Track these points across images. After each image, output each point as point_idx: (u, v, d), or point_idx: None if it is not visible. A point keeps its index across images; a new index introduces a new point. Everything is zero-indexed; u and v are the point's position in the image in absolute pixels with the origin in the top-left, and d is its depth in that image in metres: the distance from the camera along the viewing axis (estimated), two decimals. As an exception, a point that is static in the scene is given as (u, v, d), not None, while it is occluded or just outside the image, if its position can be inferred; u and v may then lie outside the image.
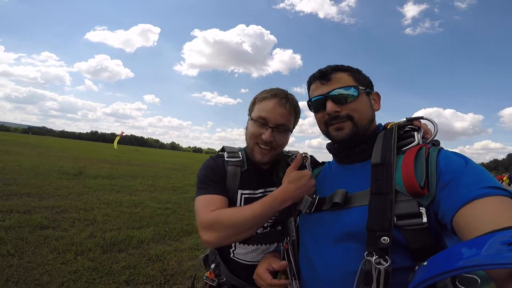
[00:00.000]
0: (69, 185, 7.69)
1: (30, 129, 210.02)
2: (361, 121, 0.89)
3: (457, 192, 0.63)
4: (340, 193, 0.83)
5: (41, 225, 4.28)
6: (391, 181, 0.73)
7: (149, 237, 4.33)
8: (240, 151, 1.25)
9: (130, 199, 6.87)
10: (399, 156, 0.78)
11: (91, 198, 6.52)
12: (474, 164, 0.69)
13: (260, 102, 1.15)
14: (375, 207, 0.73)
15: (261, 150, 1.14)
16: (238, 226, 0.96)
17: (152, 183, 9.89)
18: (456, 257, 0.44)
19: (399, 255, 0.69)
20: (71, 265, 3.16)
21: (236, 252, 1.20)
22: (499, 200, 0.58)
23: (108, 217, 5.13)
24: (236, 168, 1.18)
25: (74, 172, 9.77)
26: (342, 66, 0.94)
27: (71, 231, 4.19)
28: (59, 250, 3.50)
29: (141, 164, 17.98)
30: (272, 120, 1.10)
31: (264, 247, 1.18)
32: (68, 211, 5.21)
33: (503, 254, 0.39)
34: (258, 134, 1.12)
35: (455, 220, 0.61)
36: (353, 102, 0.88)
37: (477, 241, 0.45)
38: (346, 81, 0.90)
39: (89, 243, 3.80)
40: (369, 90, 0.93)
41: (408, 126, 0.86)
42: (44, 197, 6.08)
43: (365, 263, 0.70)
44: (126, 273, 3.14)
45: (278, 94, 1.14)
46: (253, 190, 1.18)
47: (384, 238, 0.68)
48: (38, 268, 3.01)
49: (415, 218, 0.68)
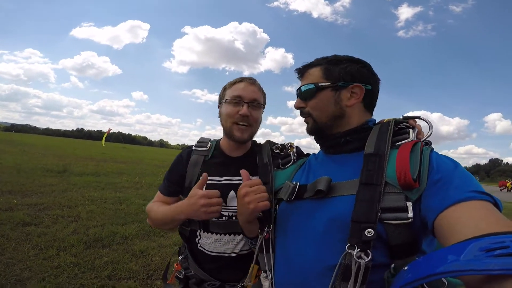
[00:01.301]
0: (53, 182, 7.59)
1: (13, 126, 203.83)
2: (319, 118, 0.90)
3: (445, 193, 0.63)
4: (324, 180, 0.80)
5: (23, 222, 4.25)
6: (382, 172, 0.72)
7: (133, 233, 4.35)
8: (211, 142, 1.35)
9: (115, 196, 6.84)
10: (393, 150, 0.76)
11: (75, 195, 6.46)
12: (463, 169, 0.70)
13: (231, 86, 1.26)
14: (363, 198, 0.71)
15: (239, 127, 1.21)
16: (155, 220, 1.23)
17: (138, 180, 9.84)
18: (437, 262, 0.46)
19: (377, 250, 0.67)
20: (52, 260, 3.18)
21: (202, 242, 1.24)
22: (483, 205, 0.59)
23: (92, 214, 5.12)
24: (199, 157, 1.29)
25: (58, 170, 9.63)
26: (318, 60, 0.94)
27: (54, 228, 4.18)
28: (41, 246, 3.50)
29: (128, 161, 17.78)
30: (247, 96, 1.21)
31: (227, 238, 1.20)
32: (51, 208, 5.17)
33: (481, 260, 0.41)
34: (235, 112, 1.20)
35: (438, 220, 0.61)
36: (313, 99, 0.91)
37: (456, 247, 0.46)
38: (313, 77, 0.91)
39: (72, 239, 3.80)
40: (342, 83, 0.87)
41: (403, 124, 0.85)
42: (26, 194, 6.00)
43: (345, 257, 0.68)
44: (108, 268, 3.17)
45: (245, 78, 1.28)
46: (217, 177, 1.24)
47: (369, 231, 0.66)
48: (19, 264, 3.01)
49: (400, 212, 0.67)
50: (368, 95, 0.89)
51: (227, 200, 1.20)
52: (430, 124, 0.84)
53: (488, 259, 0.41)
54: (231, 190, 1.21)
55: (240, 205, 0.94)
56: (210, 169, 1.24)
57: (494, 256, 0.41)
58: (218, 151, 1.31)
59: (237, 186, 1.17)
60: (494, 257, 0.40)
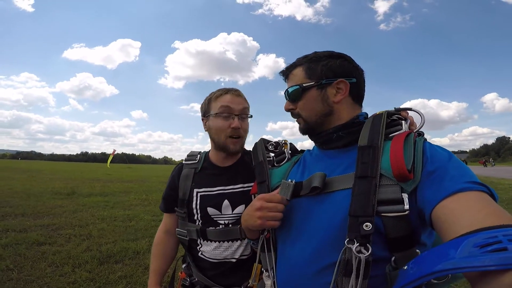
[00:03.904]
0: (63, 204, 7.72)
1: (18, 154, 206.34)
2: (310, 118, 0.91)
3: (441, 184, 0.63)
4: (319, 176, 0.79)
5: (37, 242, 4.35)
6: (377, 164, 0.71)
7: (145, 248, 4.41)
8: (199, 154, 1.38)
9: (125, 214, 6.92)
10: (387, 142, 0.75)
11: (85, 215, 6.56)
12: (457, 159, 0.69)
13: (216, 99, 1.25)
14: (359, 191, 0.70)
15: (233, 140, 1.22)
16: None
17: (145, 197, 9.90)
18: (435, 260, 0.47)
19: (376, 244, 0.66)
20: (69, 277, 3.26)
21: (203, 250, 1.26)
22: (479, 196, 0.59)
23: (103, 232, 5.20)
24: (189, 170, 1.33)
25: (67, 192, 9.76)
26: (299, 60, 0.93)
27: (68, 246, 4.27)
28: (57, 263, 3.59)
29: (134, 180, 17.89)
30: (236, 108, 1.22)
31: (226, 244, 1.22)
32: (63, 228, 5.27)
33: (476, 257, 0.41)
34: (227, 126, 1.21)
35: (434, 212, 0.61)
36: (300, 100, 0.91)
37: (452, 244, 0.47)
38: (297, 78, 0.91)
39: (86, 256, 3.88)
40: (325, 81, 0.87)
41: (396, 116, 0.84)
42: (38, 216, 6.12)
43: (345, 252, 0.67)
44: (123, 282, 3.24)
45: (229, 89, 1.28)
46: (209, 188, 1.27)
47: (367, 224, 0.65)
48: (38, 280, 3.10)
49: (396, 205, 0.66)
50: (354, 88, 0.89)
51: (221, 209, 1.24)
52: (422, 115, 0.84)
53: (483, 256, 0.41)
54: (225, 199, 1.24)
55: (249, 214, 0.88)
56: (202, 181, 1.29)
57: (488, 251, 0.41)
58: (208, 162, 1.34)
59: (229, 194, 1.25)
60: (488, 253, 0.41)
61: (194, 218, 1.27)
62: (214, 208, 1.24)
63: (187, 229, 1.28)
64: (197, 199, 1.26)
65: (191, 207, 1.27)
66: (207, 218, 1.25)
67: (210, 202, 1.24)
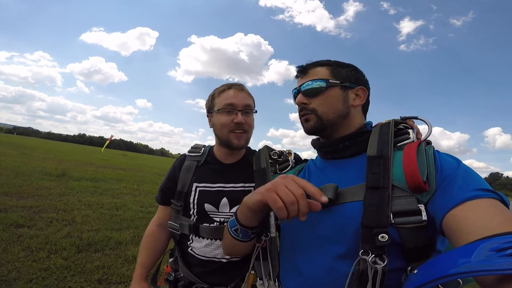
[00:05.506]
0: (51, 185, 7.52)
1: (15, 129, 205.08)
2: (326, 115, 0.88)
3: (450, 192, 0.63)
4: (332, 188, 0.77)
5: (16, 223, 4.19)
6: (388, 175, 0.70)
7: (128, 239, 4.28)
8: (204, 148, 1.35)
9: (112, 202, 6.76)
10: (396, 151, 0.75)
11: (72, 199, 6.39)
12: (466, 166, 0.69)
13: (219, 95, 1.24)
14: (371, 202, 0.68)
15: (236, 135, 1.21)
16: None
17: (136, 187, 9.76)
18: (448, 263, 0.46)
19: (392, 255, 0.65)
20: (42, 263, 3.11)
21: (193, 246, 1.25)
22: (490, 203, 0.58)
23: (87, 218, 5.05)
24: (192, 163, 1.31)
25: (57, 173, 9.55)
26: (323, 61, 0.94)
27: (47, 231, 4.11)
28: (32, 248, 3.43)
29: (128, 168, 17.73)
30: (239, 103, 1.20)
31: (218, 243, 1.20)
32: (46, 211, 5.10)
33: (493, 260, 0.41)
34: (230, 121, 1.19)
35: (445, 220, 0.60)
36: (320, 95, 0.89)
37: (467, 248, 0.46)
38: (322, 74, 0.90)
39: (65, 242, 3.73)
40: (349, 84, 0.89)
41: (402, 124, 0.84)
42: (23, 196, 5.93)
43: (359, 263, 0.66)
44: (99, 272, 3.11)
45: (233, 84, 1.26)
46: (209, 184, 1.25)
47: (383, 236, 0.64)
48: (7, 264, 2.95)
49: (414, 216, 0.65)
50: (367, 99, 0.94)
51: (219, 206, 1.22)
52: (429, 124, 0.83)
53: (500, 259, 0.40)
54: (224, 197, 1.22)
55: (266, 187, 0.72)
56: (203, 176, 1.27)
57: (506, 255, 0.41)
58: (211, 157, 1.32)
59: (229, 192, 1.22)
60: (506, 257, 0.40)
61: (190, 212, 1.25)
62: (211, 204, 1.22)
63: (180, 223, 1.26)
64: (195, 194, 1.25)
65: (188, 201, 1.25)
66: (203, 214, 1.23)
67: (208, 198, 1.23)
